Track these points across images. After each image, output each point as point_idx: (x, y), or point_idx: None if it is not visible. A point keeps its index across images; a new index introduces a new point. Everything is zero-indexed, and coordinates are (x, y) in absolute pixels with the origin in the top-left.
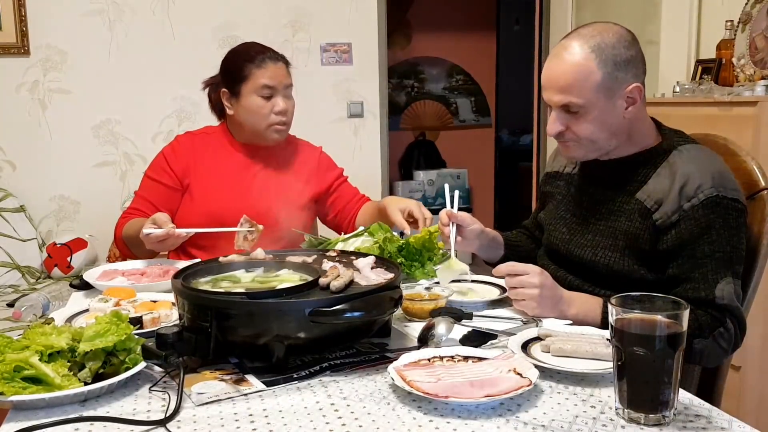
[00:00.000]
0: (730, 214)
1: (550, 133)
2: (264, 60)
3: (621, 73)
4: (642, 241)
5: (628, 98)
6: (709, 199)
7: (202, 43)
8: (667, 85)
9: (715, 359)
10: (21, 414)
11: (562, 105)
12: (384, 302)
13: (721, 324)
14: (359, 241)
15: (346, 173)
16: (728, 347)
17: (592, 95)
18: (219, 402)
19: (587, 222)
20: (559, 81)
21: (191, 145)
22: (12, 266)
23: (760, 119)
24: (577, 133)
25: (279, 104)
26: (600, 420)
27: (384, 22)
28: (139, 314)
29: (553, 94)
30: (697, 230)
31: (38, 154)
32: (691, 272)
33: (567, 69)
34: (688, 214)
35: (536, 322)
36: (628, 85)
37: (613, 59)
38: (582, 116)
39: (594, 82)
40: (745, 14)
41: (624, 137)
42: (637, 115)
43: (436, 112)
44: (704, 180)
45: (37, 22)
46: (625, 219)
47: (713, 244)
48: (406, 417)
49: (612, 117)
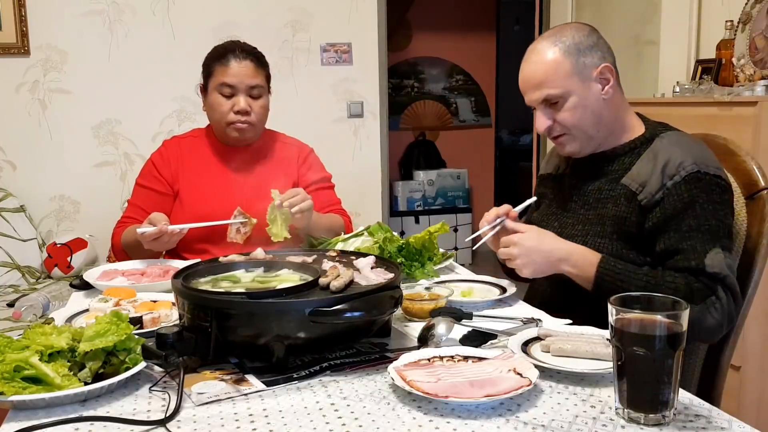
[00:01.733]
0: (713, 190)
1: (539, 130)
2: (228, 58)
3: (587, 58)
4: (629, 224)
5: (601, 79)
6: (690, 174)
7: (202, 43)
8: (667, 85)
9: (708, 331)
10: (21, 414)
11: (543, 100)
12: (384, 302)
13: (713, 292)
14: (359, 241)
15: (345, 173)
16: (721, 319)
17: (565, 82)
18: (219, 402)
19: (577, 214)
20: (533, 79)
21: (179, 149)
22: (12, 266)
23: (760, 119)
24: (563, 123)
25: (239, 103)
26: (600, 420)
27: (384, 22)
28: (139, 314)
29: (531, 92)
30: (681, 205)
31: (38, 154)
32: (679, 244)
33: (537, 67)
34: (671, 191)
35: (536, 322)
36: (596, 67)
37: (576, 47)
38: (563, 105)
39: (564, 71)
40: (745, 14)
41: (611, 126)
42: (617, 101)
43: (436, 112)
44: (685, 158)
45: (37, 22)
46: (612, 205)
47: (698, 218)
48: (406, 417)
49: (591, 100)
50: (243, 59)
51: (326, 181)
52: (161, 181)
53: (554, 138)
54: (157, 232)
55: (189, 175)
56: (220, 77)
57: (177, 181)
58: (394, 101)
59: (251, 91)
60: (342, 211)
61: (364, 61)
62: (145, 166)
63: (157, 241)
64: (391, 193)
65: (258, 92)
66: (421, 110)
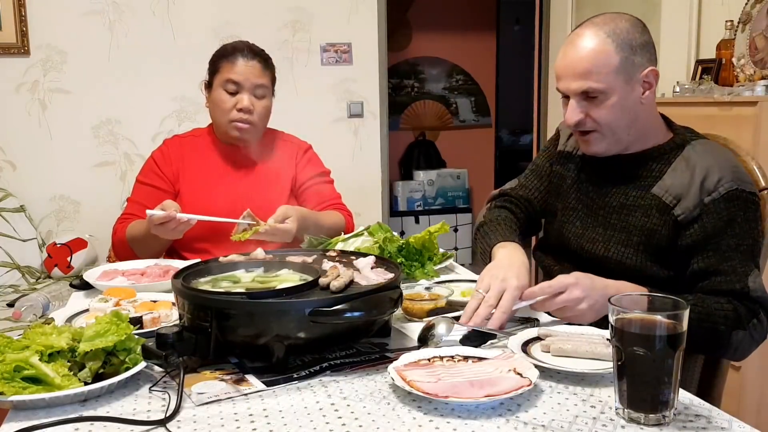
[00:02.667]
0: (749, 207)
1: (569, 122)
2: (236, 56)
3: (637, 57)
4: (659, 237)
5: (644, 83)
6: (729, 192)
7: (202, 43)
8: (667, 85)
9: (746, 352)
10: (21, 414)
11: (582, 92)
12: (384, 302)
13: (755, 315)
14: (359, 241)
15: (345, 173)
16: (760, 339)
17: (611, 79)
18: (219, 402)
19: (597, 215)
20: (577, 67)
21: (180, 148)
22: (12, 266)
23: (760, 119)
24: (597, 120)
25: (242, 101)
26: (600, 420)
27: (384, 22)
28: (139, 314)
29: (572, 81)
30: (721, 224)
31: (38, 154)
32: (719, 265)
33: (584, 55)
34: (710, 208)
35: (533, 321)
36: (644, 69)
37: (629, 43)
38: (602, 102)
39: (613, 66)
40: (745, 14)
41: (640, 129)
42: (652, 106)
43: (436, 112)
44: (724, 173)
45: (37, 22)
46: (641, 215)
47: (737, 237)
48: (406, 417)
49: (631, 102)
50: (251, 59)
51: (325, 176)
52: (163, 179)
53: (581, 134)
54: (165, 216)
55: (190, 174)
56: (227, 74)
57: (178, 180)
58: (394, 101)
59: (256, 91)
60: (342, 206)
61: (364, 61)
62: (147, 164)
63: (163, 226)
64: (391, 193)
65: (262, 92)
66: (421, 110)
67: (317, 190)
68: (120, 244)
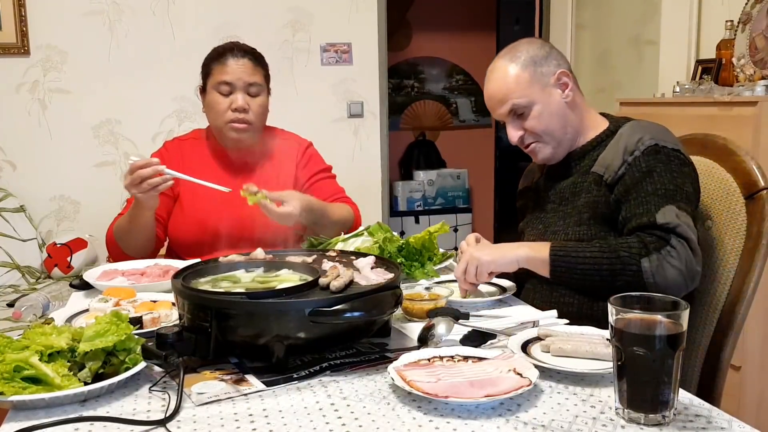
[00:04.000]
0: (671, 160)
1: (512, 141)
2: (226, 56)
3: (543, 67)
4: (602, 206)
5: (560, 84)
6: (649, 148)
7: (202, 43)
8: (667, 85)
9: (673, 283)
10: (21, 414)
11: (510, 111)
12: (384, 302)
13: (667, 242)
14: (359, 241)
15: (345, 173)
16: (681, 266)
17: (528, 91)
18: (219, 402)
19: (557, 212)
20: (498, 94)
21: (179, 152)
22: (12, 266)
23: (760, 119)
24: (533, 130)
25: (237, 101)
26: (600, 420)
27: (384, 22)
28: (139, 314)
29: (498, 107)
30: (639, 174)
31: (38, 154)
32: (635, 209)
33: (500, 83)
34: (631, 164)
35: (533, 322)
36: (553, 74)
37: (532, 59)
38: (529, 114)
39: (525, 81)
40: (745, 14)
41: (577, 127)
42: (578, 103)
43: (436, 112)
44: (645, 134)
45: (37, 22)
46: (585, 193)
47: (655, 184)
48: (406, 417)
49: (555, 105)
50: (241, 57)
51: (327, 172)
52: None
53: (526, 147)
54: (146, 162)
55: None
56: (218, 76)
57: (178, 184)
58: (394, 101)
59: (249, 89)
60: (347, 199)
61: (364, 61)
62: None
63: (139, 186)
64: (391, 193)
65: (256, 90)
66: (421, 110)
67: (320, 186)
68: (110, 243)
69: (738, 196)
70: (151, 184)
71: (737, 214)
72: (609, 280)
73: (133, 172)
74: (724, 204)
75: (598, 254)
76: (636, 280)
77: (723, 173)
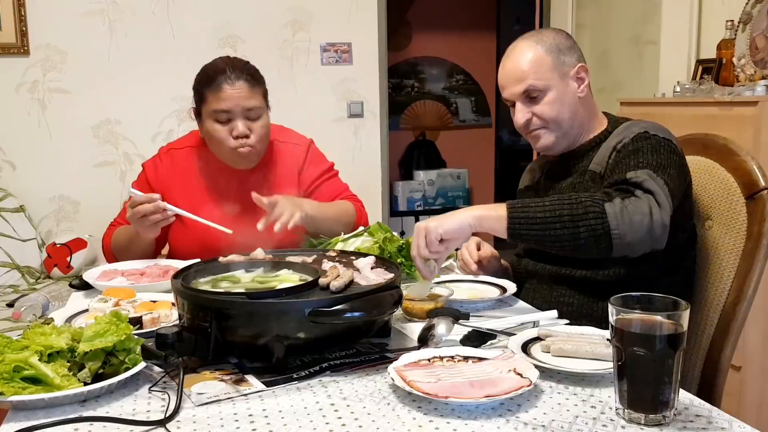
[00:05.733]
0: (660, 144)
1: (518, 123)
2: (219, 83)
3: (566, 57)
4: None
5: (577, 78)
6: (637, 135)
7: (202, 43)
8: (667, 85)
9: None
10: (21, 414)
11: (524, 91)
12: (384, 302)
13: (631, 194)
14: (359, 241)
15: (345, 173)
16: (645, 212)
17: (548, 76)
18: (219, 402)
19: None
20: (515, 72)
21: (171, 165)
22: (12, 266)
23: (761, 119)
24: (543, 116)
25: (237, 128)
26: (600, 420)
27: (384, 22)
28: (139, 314)
29: (514, 85)
30: (625, 153)
31: (38, 154)
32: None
33: (520, 62)
34: (620, 151)
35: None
36: (574, 66)
37: (557, 47)
38: (543, 99)
39: (547, 65)
40: (745, 14)
41: (584, 124)
42: (589, 101)
43: (436, 112)
44: (636, 127)
45: (37, 22)
46: (584, 191)
47: (638, 158)
48: (406, 417)
49: (569, 96)
50: (235, 80)
51: (329, 171)
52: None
53: (530, 132)
54: (147, 198)
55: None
56: (214, 104)
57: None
58: (394, 101)
59: (248, 114)
60: (352, 196)
61: (364, 61)
62: (140, 175)
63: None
64: (391, 193)
65: (256, 114)
66: (421, 110)
67: (325, 187)
68: (107, 252)
69: (738, 196)
70: (152, 221)
71: (737, 214)
72: (571, 229)
73: (134, 207)
74: (725, 204)
75: (558, 202)
76: (600, 224)
77: (723, 173)
